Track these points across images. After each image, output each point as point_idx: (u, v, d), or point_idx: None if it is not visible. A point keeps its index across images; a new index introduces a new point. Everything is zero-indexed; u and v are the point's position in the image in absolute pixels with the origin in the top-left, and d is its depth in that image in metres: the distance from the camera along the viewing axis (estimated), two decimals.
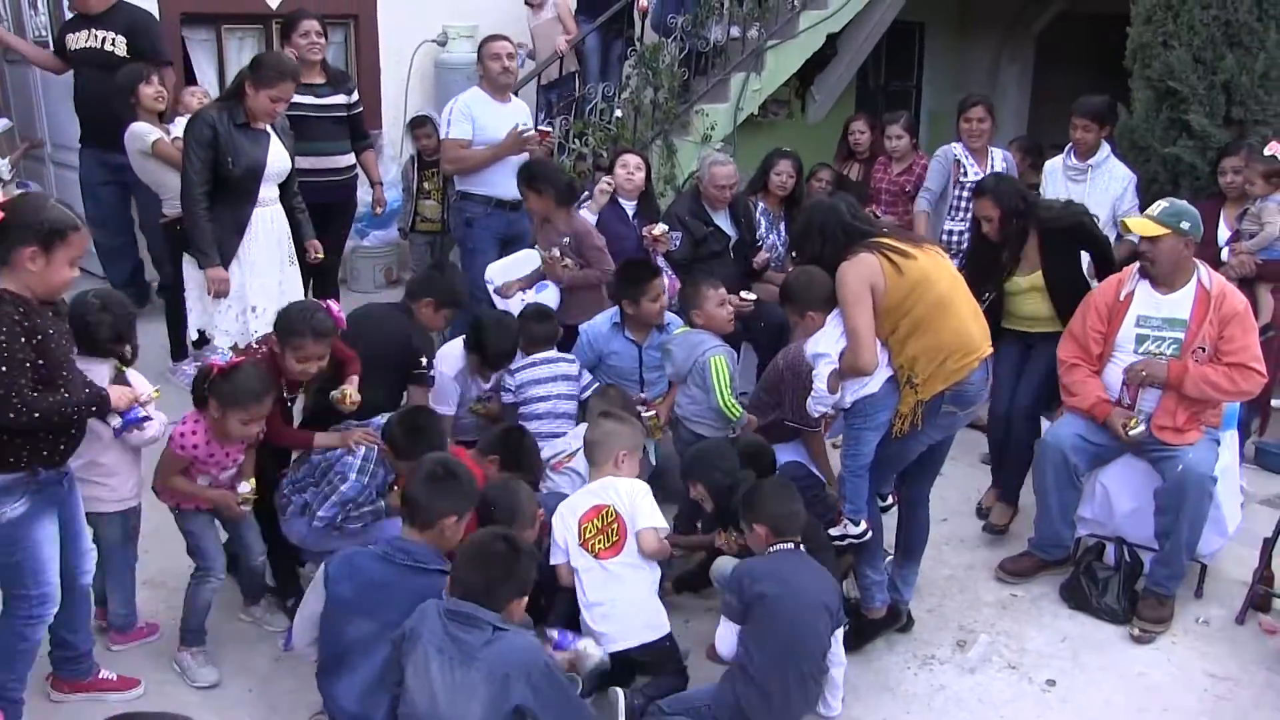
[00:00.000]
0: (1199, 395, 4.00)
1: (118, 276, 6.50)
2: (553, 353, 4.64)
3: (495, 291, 5.21)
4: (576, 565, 3.54)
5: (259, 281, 4.89)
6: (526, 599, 2.89)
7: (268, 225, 4.91)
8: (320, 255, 5.19)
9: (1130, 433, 4.03)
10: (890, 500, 3.91)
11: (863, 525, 3.66)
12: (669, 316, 4.81)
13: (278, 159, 4.85)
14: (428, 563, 3.00)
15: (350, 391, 3.81)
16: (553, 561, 3.56)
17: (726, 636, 3.30)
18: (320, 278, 5.73)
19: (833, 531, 3.67)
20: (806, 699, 3.28)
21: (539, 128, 5.78)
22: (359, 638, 2.98)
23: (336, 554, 3.14)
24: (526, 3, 7.57)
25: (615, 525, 3.56)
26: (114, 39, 6.00)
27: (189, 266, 4.90)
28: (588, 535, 3.55)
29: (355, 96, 5.95)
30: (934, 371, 3.49)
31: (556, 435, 4.40)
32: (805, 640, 3.20)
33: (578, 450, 4.10)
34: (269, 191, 4.88)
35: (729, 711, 3.19)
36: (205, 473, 3.50)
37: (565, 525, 3.59)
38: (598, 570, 3.51)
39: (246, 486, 3.52)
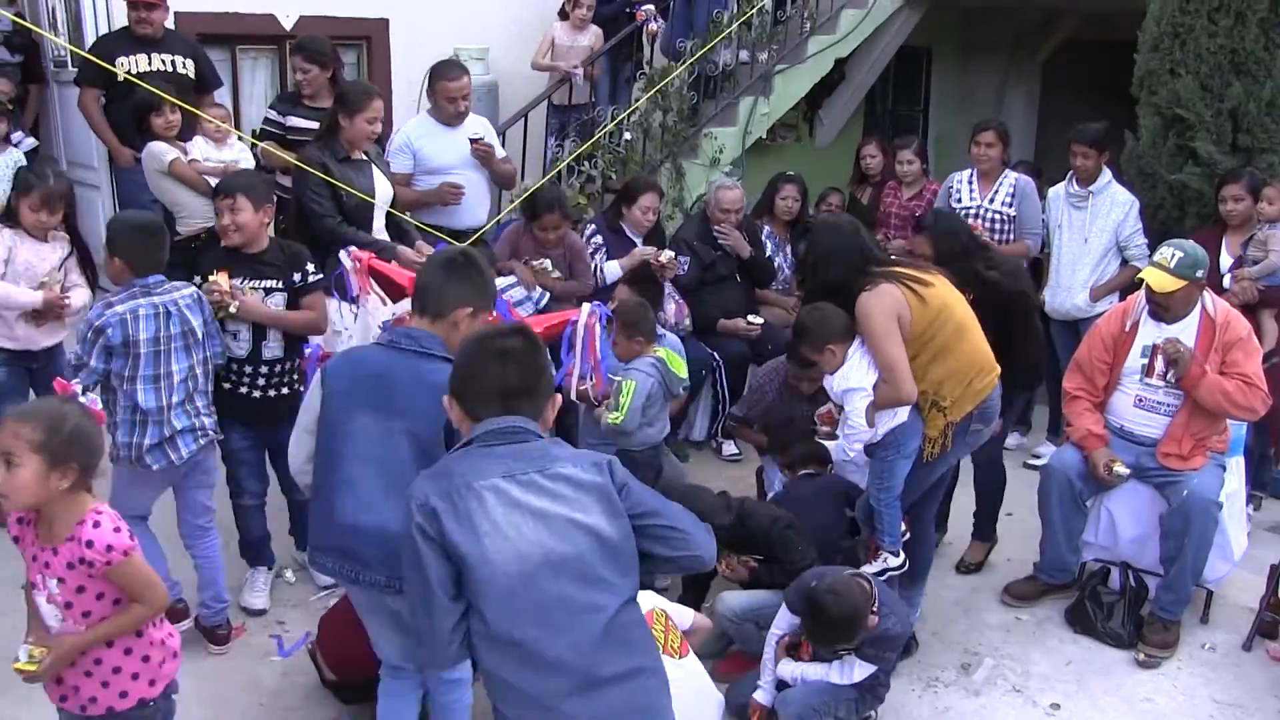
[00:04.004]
0: (1211, 403, 3.99)
1: None
2: None
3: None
4: None
5: (383, 308, 4.75)
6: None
7: None
8: None
9: (1114, 470, 4.04)
10: (904, 528, 3.87)
11: (901, 556, 3.69)
12: (662, 331, 4.81)
13: (383, 185, 4.82)
14: (433, 349, 2.71)
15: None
16: None
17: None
18: None
19: (872, 567, 3.66)
20: None
21: (470, 138, 5.45)
22: (359, 438, 2.68)
23: (337, 353, 2.92)
24: (563, 16, 7.52)
25: (668, 623, 3.20)
26: (184, 63, 6.08)
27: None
28: (661, 638, 3.11)
29: None
30: (963, 393, 3.55)
31: None
32: None
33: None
34: (379, 220, 4.81)
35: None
36: None
37: None
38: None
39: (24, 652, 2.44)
